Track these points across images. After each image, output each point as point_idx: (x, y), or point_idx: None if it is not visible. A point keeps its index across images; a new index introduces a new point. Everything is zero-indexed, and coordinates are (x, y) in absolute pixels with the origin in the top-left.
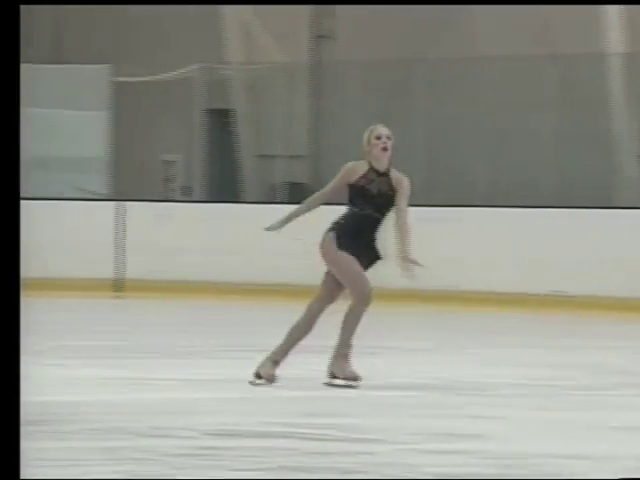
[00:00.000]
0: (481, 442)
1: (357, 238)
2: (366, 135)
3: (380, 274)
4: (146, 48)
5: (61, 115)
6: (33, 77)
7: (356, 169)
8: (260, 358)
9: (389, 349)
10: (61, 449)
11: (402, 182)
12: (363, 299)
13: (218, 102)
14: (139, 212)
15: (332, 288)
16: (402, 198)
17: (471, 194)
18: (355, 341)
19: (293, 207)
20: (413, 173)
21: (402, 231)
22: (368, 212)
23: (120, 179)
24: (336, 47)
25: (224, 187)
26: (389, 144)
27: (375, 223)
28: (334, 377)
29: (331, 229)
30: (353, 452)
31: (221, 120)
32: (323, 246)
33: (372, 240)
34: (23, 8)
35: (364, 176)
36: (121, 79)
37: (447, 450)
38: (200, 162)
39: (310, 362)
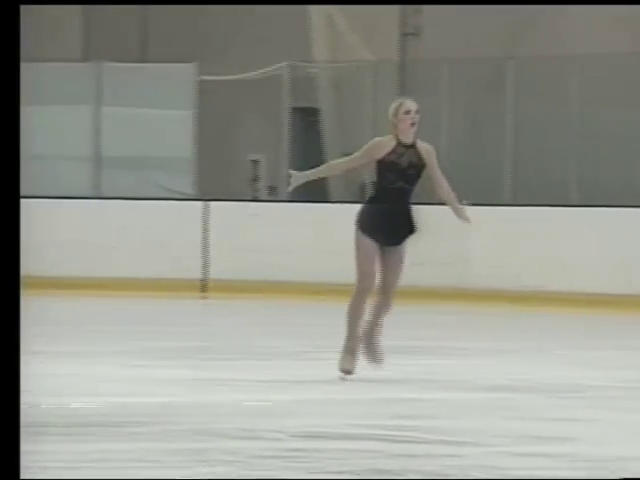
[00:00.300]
0: (570, 445)
1: (385, 215)
2: (393, 107)
3: (465, 275)
4: (231, 46)
5: (146, 114)
6: (118, 76)
7: (383, 144)
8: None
9: (475, 350)
10: (145, 450)
11: (430, 152)
12: (361, 293)
13: (304, 100)
14: (224, 212)
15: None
16: (435, 167)
17: (560, 193)
18: (440, 342)
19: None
20: (501, 172)
21: (449, 196)
22: (399, 185)
23: (205, 179)
24: (423, 45)
25: (310, 186)
26: (417, 118)
27: (407, 195)
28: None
29: (361, 212)
30: (440, 455)
31: (307, 119)
32: (354, 231)
33: (407, 211)
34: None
35: (393, 151)
36: (206, 78)
37: (536, 453)
38: (285, 161)
39: (396, 363)
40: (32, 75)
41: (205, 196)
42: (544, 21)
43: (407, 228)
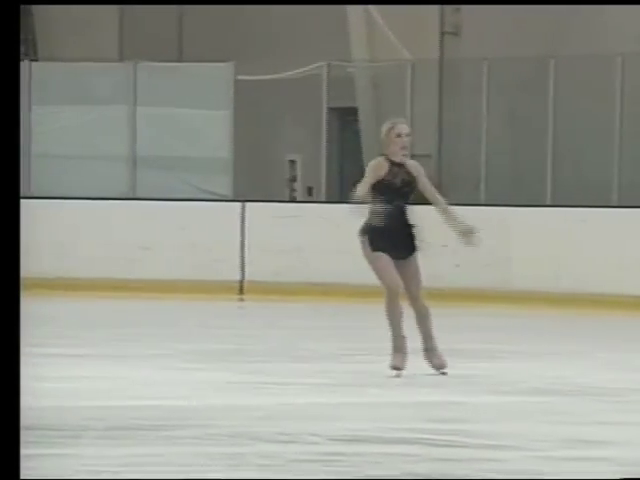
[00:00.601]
0: (612, 449)
1: (390, 232)
2: (385, 128)
3: (506, 277)
4: (269, 46)
5: (182, 114)
6: (154, 76)
7: (382, 165)
8: (383, 362)
9: (516, 353)
10: (181, 454)
11: (419, 168)
12: (391, 294)
13: (342, 100)
14: (261, 213)
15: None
16: (426, 182)
17: (601, 194)
18: (481, 345)
19: (419, 207)
20: (541, 173)
21: (445, 210)
22: (396, 203)
23: (242, 179)
24: (462, 44)
25: (348, 187)
26: (408, 141)
27: (405, 212)
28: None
29: (363, 232)
30: (481, 459)
31: (345, 119)
32: (362, 249)
33: (408, 227)
34: (146, 9)
35: (389, 171)
36: (243, 77)
37: (577, 457)
38: (323, 162)
39: None
40: (67, 75)
41: (242, 197)
42: (585, 19)
43: (411, 243)
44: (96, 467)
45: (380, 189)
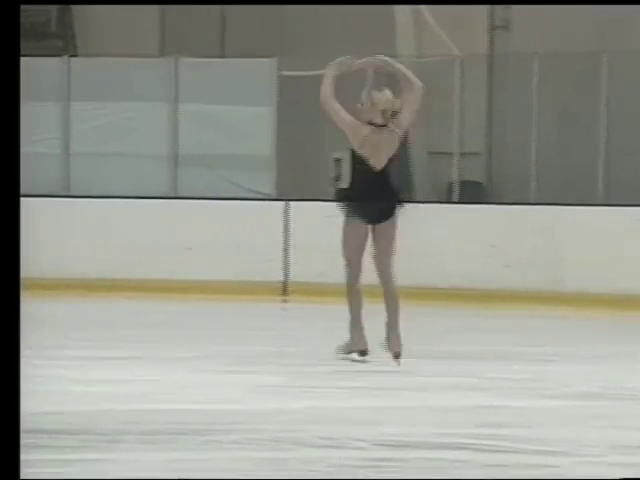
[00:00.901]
0: None
1: (366, 197)
2: (364, 95)
3: (558, 278)
4: (313, 40)
5: (224, 111)
6: (195, 72)
7: (360, 126)
8: (439, 366)
9: (567, 356)
10: (222, 459)
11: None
12: (348, 274)
13: None
14: (305, 212)
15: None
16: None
17: None
18: (531, 348)
19: (470, 206)
20: (593, 171)
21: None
22: (374, 167)
23: (286, 178)
24: (512, 38)
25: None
26: (390, 105)
27: (385, 175)
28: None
29: (339, 197)
30: (531, 464)
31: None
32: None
33: (388, 191)
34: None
35: (370, 133)
36: (287, 73)
37: (632, 463)
38: None
39: (484, 369)
40: (107, 70)
41: (285, 196)
42: (638, 13)
43: (388, 207)
44: (135, 473)
45: (358, 155)
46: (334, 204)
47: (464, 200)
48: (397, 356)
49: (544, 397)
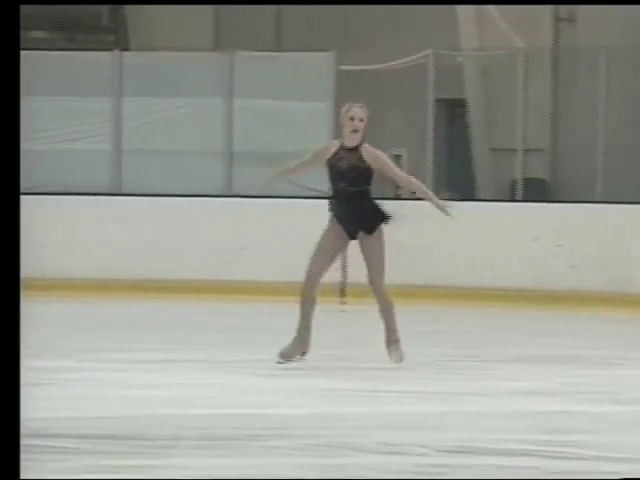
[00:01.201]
0: None
1: (341, 213)
2: (342, 110)
3: (625, 279)
4: (372, 34)
5: (281, 107)
6: (251, 66)
7: (329, 148)
8: (494, 370)
9: (635, 360)
10: (280, 466)
11: (376, 155)
12: (306, 280)
13: (449, 91)
14: None
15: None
16: (388, 167)
17: None
18: (597, 351)
19: (534, 204)
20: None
21: (419, 187)
22: (342, 186)
23: None
24: (578, 31)
25: (456, 183)
26: (360, 126)
27: (355, 196)
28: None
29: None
30: (600, 472)
31: (452, 111)
32: None
33: (359, 211)
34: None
35: (335, 154)
36: (345, 67)
37: None
38: (430, 156)
39: (548, 374)
40: (160, 65)
41: None
42: None
43: (362, 223)
44: (190, 478)
45: (329, 171)
46: (394, 203)
47: (528, 198)
48: (399, 361)
49: (612, 402)
